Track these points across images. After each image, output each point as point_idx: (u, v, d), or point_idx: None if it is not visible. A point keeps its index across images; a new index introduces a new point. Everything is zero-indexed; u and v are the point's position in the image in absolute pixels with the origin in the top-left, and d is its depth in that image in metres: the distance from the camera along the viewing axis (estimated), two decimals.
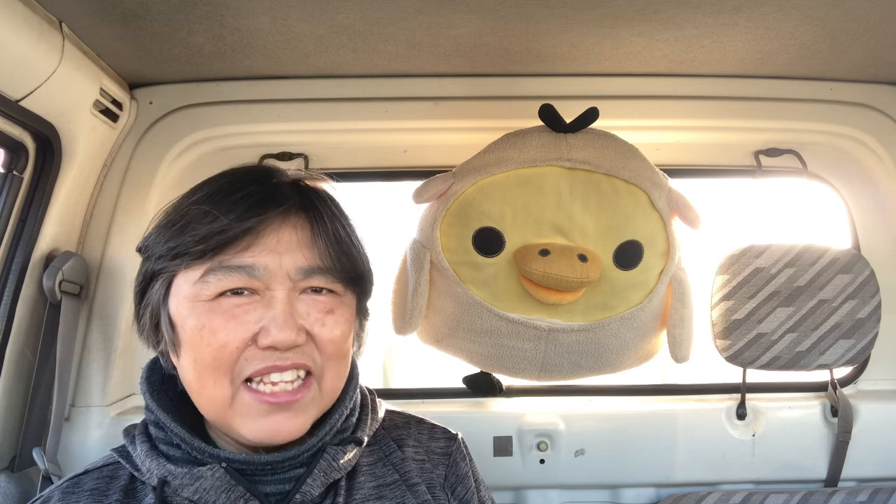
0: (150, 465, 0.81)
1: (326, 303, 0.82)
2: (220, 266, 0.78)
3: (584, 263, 1.17)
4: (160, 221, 0.83)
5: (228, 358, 0.77)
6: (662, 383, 1.88)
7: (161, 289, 0.81)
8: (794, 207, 1.76)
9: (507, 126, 1.33)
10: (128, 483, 0.85)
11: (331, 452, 0.84)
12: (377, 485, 0.89)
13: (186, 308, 0.79)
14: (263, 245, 0.79)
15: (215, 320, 0.77)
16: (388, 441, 0.96)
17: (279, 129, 1.49)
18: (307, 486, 0.81)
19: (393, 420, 1.00)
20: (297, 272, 0.80)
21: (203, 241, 0.77)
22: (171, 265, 0.80)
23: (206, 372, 0.78)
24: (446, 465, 0.97)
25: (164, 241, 0.80)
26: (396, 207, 1.48)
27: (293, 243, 0.81)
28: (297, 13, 1.15)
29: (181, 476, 0.79)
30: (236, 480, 0.79)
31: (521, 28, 1.22)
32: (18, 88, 1.11)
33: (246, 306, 0.78)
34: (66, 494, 0.83)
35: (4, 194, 1.22)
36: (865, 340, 1.39)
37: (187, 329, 0.79)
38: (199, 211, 0.79)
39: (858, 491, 1.39)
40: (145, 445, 0.83)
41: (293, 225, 0.82)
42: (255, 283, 0.78)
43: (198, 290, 0.78)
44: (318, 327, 0.81)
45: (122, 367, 1.45)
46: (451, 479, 0.96)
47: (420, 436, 0.99)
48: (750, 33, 1.25)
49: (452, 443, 1.00)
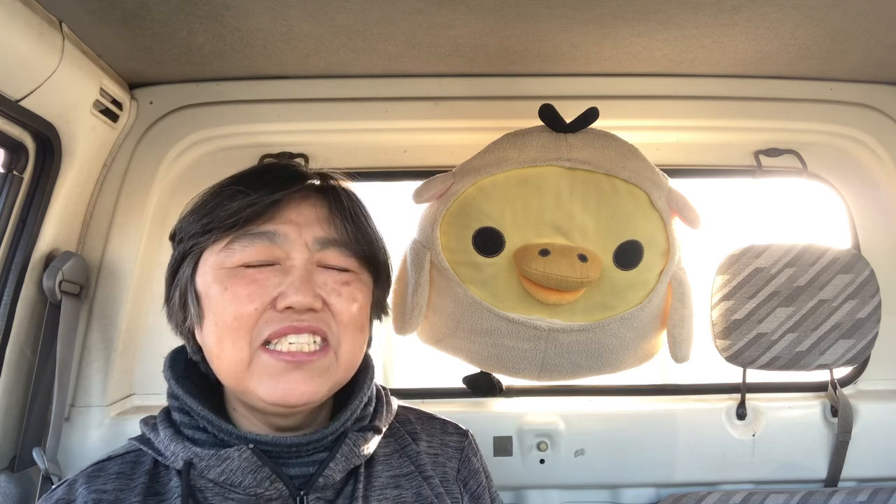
0: (174, 448, 0.83)
1: (342, 276, 0.87)
2: (245, 234, 0.84)
3: (584, 263, 1.17)
4: (193, 206, 0.89)
5: (248, 319, 0.81)
6: (662, 383, 1.88)
7: (189, 266, 0.86)
8: (794, 207, 1.76)
9: (507, 126, 1.33)
10: (152, 468, 0.86)
11: (352, 438, 0.87)
12: (394, 475, 0.92)
13: (211, 276, 0.83)
14: (285, 217, 0.86)
15: (237, 284, 0.82)
16: (402, 434, 0.99)
17: (279, 129, 1.49)
18: (330, 469, 0.84)
19: (405, 415, 1.03)
20: (314, 242, 0.86)
21: (235, 213, 0.83)
22: (201, 241, 0.85)
23: (226, 334, 0.81)
24: (459, 459, 0.99)
25: (198, 220, 0.86)
26: (396, 207, 1.48)
27: (312, 217, 0.88)
28: (297, 13, 1.15)
29: (208, 458, 0.81)
30: (263, 461, 0.81)
31: (521, 28, 1.22)
32: (18, 88, 1.11)
33: (266, 272, 0.83)
34: (91, 478, 0.84)
35: (4, 194, 1.22)
36: (865, 340, 1.39)
37: (211, 295, 0.83)
38: (231, 191, 0.86)
39: (858, 491, 1.39)
40: (169, 431, 0.85)
41: (313, 203, 0.89)
42: (275, 250, 0.84)
43: (223, 258, 0.83)
44: (335, 297, 0.85)
45: (122, 367, 1.45)
46: (464, 472, 0.99)
47: (433, 430, 1.02)
48: (750, 33, 1.25)
49: (464, 438, 1.03)
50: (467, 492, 0.97)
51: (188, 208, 0.90)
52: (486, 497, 1.00)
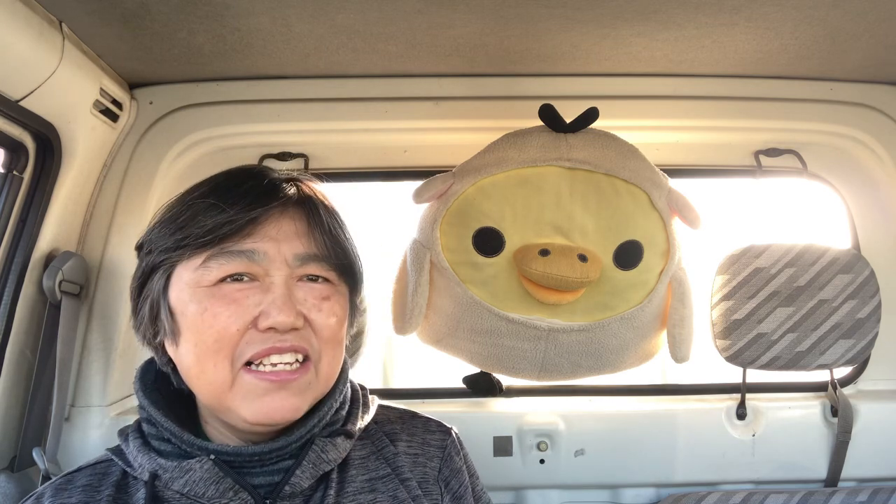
0: (141, 459, 0.83)
1: (322, 290, 0.86)
2: (222, 252, 0.81)
3: (584, 263, 1.17)
4: (163, 217, 0.86)
5: (230, 340, 0.79)
6: (662, 383, 1.88)
7: (161, 280, 0.84)
8: (794, 207, 1.76)
9: (507, 126, 1.33)
10: (120, 479, 0.86)
11: (319, 444, 0.86)
12: (369, 478, 0.90)
13: (188, 294, 0.81)
14: (264, 233, 0.83)
15: (217, 304, 0.80)
16: (380, 435, 0.97)
17: (279, 129, 1.49)
18: (296, 477, 0.83)
19: (385, 415, 1.01)
20: (294, 258, 0.84)
21: (211, 231, 0.80)
22: (174, 255, 0.82)
23: (206, 355, 0.80)
24: (440, 458, 0.97)
25: (170, 234, 0.83)
26: (396, 207, 1.48)
27: (291, 233, 0.85)
28: (297, 13, 1.15)
29: (171, 469, 0.81)
30: (224, 472, 0.80)
31: (521, 28, 1.22)
32: (18, 88, 1.11)
33: (246, 291, 0.81)
34: (58, 491, 0.84)
35: (4, 194, 1.22)
36: (865, 340, 1.38)
37: (188, 315, 0.81)
38: (205, 204, 0.82)
39: (858, 491, 1.39)
40: (137, 441, 0.85)
41: (291, 217, 0.86)
42: (254, 268, 0.82)
43: (199, 275, 0.81)
44: (315, 312, 0.84)
45: (122, 367, 1.45)
46: (446, 472, 0.97)
47: (414, 429, 1.00)
48: (750, 33, 1.25)
49: (447, 437, 1.01)
50: (448, 492, 0.96)
51: (157, 219, 0.87)
52: (469, 497, 0.98)
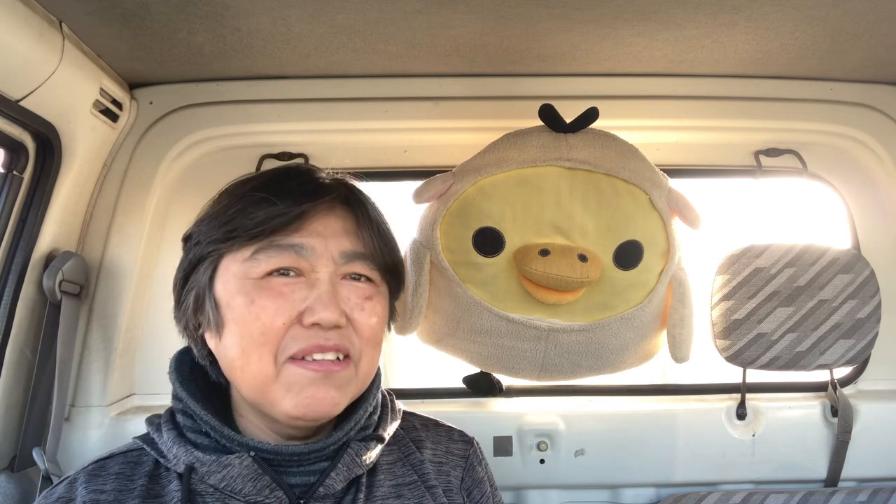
0: (177, 451, 0.83)
1: (366, 290, 0.87)
2: (271, 245, 0.82)
3: (584, 263, 1.17)
4: (212, 209, 0.88)
5: (276, 334, 0.80)
6: (662, 383, 1.88)
7: (207, 271, 0.85)
8: (794, 207, 1.76)
9: (507, 126, 1.33)
10: (152, 469, 0.86)
11: (354, 448, 0.86)
12: (396, 484, 0.91)
13: (235, 286, 0.82)
14: (312, 229, 0.85)
15: (264, 297, 0.81)
16: (406, 442, 0.98)
17: (279, 129, 1.49)
18: (331, 479, 0.83)
19: (411, 422, 1.02)
20: (340, 255, 0.85)
21: (262, 223, 0.82)
22: (223, 247, 0.83)
23: (251, 347, 0.80)
24: (463, 468, 0.98)
25: (220, 226, 0.84)
26: (396, 207, 1.48)
27: (338, 230, 0.87)
28: (297, 13, 1.15)
29: (209, 463, 0.81)
30: (263, 470, 0.81)
31: (521, 28, 1.22)
32: (18, 88, 1.11)
33: (292, 285, 0.82)
34: (91, 477, 0.84)
35: (4, 194, 1.22)
36: (865, 340, 1.38)
37: (234, 306, 0.82)
38: (255, 197, 0.84)
39: (858, 491, 1.39)
40: (172, 433, 0.85)
41: (339, 214, 0.88)
42: (301, 262, 0.83)
43: (248, 267, 0.82)
44: (358, 311, 0.85)
45: (122, 367, 1.45)
46: (468, 482, 0.98)
47: (438, 437, 1.01)
48: (750, 33, 1.25)
49: (470, 447, 1.02)
50: (471, 501, 0.97)
51: (206, 211, 0.88)
52: None
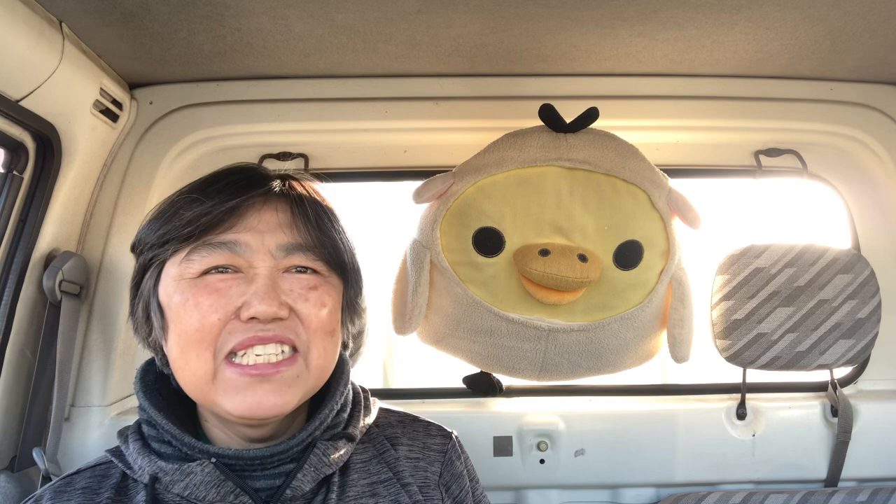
0: (141, 462, 0.82)
1: (309, 280, 0.84)
2: (204, 244, 0.81)
3: (584, 263, 1.17)
4: (150, 216, 0.87)
5: (211, 330, 0.78)
6: (662, 383, 1.88)
7: (151, 278, 0.84)
8: (794, 207, 1.76)
9: (507, 126, 1.33)
10: (119, 481, 0.85)
11: (321, 447, 0.85)
12: (371, 482, 0.90)
13: (173, 287, 0.81)
14: (245, 224, 0.83)
15: (199, 294, 0.79)
16: (381, 439, 0.96)
17: (279, 129, 1.49)
18: (297, 480, 0.82)
19: (387, 418, 1.01)
20: (278, 249, 0.83)
21: (190, 223, 0.80)
22: (161, 252, 0.82)
23: (189, 345, 0.79)
24: (441, 462, 0.97)
25: (154, 231, 0.83)
26: (396, 207, 1.48)
27: (274, 223, 0.84)
28: (297, 13, 1.15)
29: (172, 472, 0.80)
30: (226, 475, 0.80)
31: (521, 28, 1.22)
32: (18, 88, 1.11)
33: (229, 281, 0.80)
34: (57, 493, 0.84)
35: (4, 194, 1.22)
36: (865, 340, 1.39)
37: (173, 306, 0.81)
38: (186, 199, 0.83)
39: (858, 491, 1.39)
40: (137, 444, 0.84)
41: (274, 207, 0.85)
42: (237, 259, 0.81)
43: (183, 268, 0.81)
44: (301, 302, 0.82)
45: (122, 367, 1.45)
46: (446, 476, 0.97)
47: (415, 433, 0.99)
48: (750, 33, 1.25)
49: (448, 441, 1.00)
50: (450, 496, 0.95)
51: (146, 219, 0.87)
52: (470, 501, 0.98)
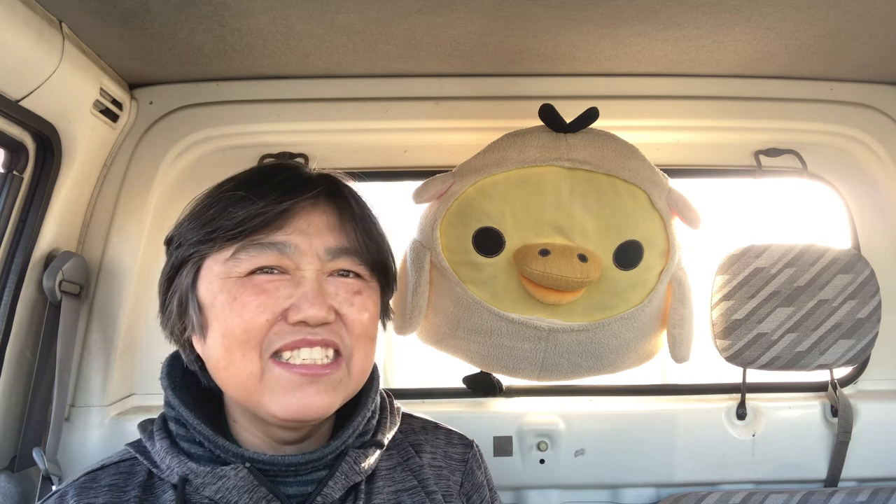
0: (170, 462, 0.81)
1: (354, 285, 0.85)
2: (252, 244, 0.80)
3: (584, 263, 1.17)
4: (193, 210, 0.86)
5: (259, 331, 0.78)
6: (662, 383, 1.88)
7: (190, 274, 0.83)
8: (794, 207, 1.76)
9: (507, 126, 1.33)
10: (146, 479, 0.84)
11: (353, 455, 0.84)
12: (395, 490, 0.89)
13: (218, 285, 0.80)
14: (294, 226, 0.82)
15: (247, 294, 0.79)
16: (406, 446, 0.96)
17: (279, 129, 1.49)
18: (328, 488, 0.82)
19: (410, 424, 1.00)
20: (325, 252, 0.83)
21: (242, 223, 0.80)
22: (204, 248, 0.81)
23: (234, 345, 0.78)
24: (463, 472, 0.97)
25: (200, 227, 0.82)
26: (396, 207, 1.48)
27: (322, 226, 0.84)
28: (297, 13, 1.15)
29: (203, 475, 0.79)
30: (259, 481, 0.79)
31: (521, 28, 1.22)
32: (18, 88, 1.11)
33: (277, 283, 0.80)
34: (83, 490, 0.82)
35: (4, 194, 1.22)
36: (865, 340, 1.39)
37: (217, 305, 0.80)
38: (235, 196, 0.82)
39: (858, 491, 1.39)
40: (165, 442, 0.83)
41: (322, 210, 0.85)
42: (285, 261, 0.81)
43: (230, 267, 0.80)
44: (347, 307, 0.82)
45: (122, 367, 1.45)
46: (467, 486, 0.97)
47: (437, 441, 0.99)
48: (750, 33, 1.25)
49: (469, 450, 1.00)
50: None
51: (187, 213, 0.86)
52: None
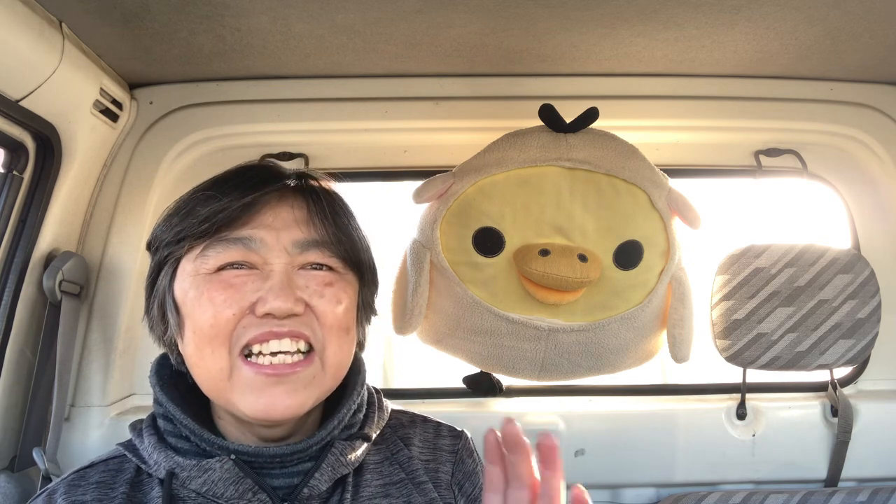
0: (157, 457, 0.82)
1: (325, 277, 0.84)
2: (219, 240, 0.81)
3: (584, 263, 1.17)
4: (166, 213, 0.86)
5: (226, 325, 0.78)
6: (662, 383, 1.88)
7: (167, 275, 0.84)
8: (794, 207, 1.76)
9: (507, 126, 1.33)
10: (134, 476, 0.85)
11: (339, 447, 0.85)
12: (384, 483, 0.90)
13: (188, 283, 0.81)
14: (259, 221, 0.82)
15: (214, 289, 0.79)
16: (394, 439, 0.96)
17: (279, 129, 1.49)
18: (315, 480, 0.82)
19: (398, 419, 1.01)
20: (293, 245, 0.82)
21: (207, 219, 0.80)
22: (177, 249, 0.82)
23: (204, 341, 0.79)
24: (453, 462, 0.97)
25: (171, 228, 0.83)
26: (396, 207, 1.48)
27: (290, 220, 0.84)
28: (297, 13, 1.15)
29: (189, 468, 0.79)
30: (245, 473, 0.79)
31: (521, 28, 1.22)
32: (18, 88, 1.11)
33: (244, 277, 0.80)
34: (71, 487, 0.83)
35: (4, 194, 1.22)
36: (865, 340, 1.39)
37: (188, 303, 0.81)
38: (202, 196, 0.83)
39: (858, 491, 1.39)
40: (153, 438, 0.84)
41: (290, 204, 0.85)
42: (252, 256, 0.81)
43: (199, 264, 0.81)
44: (317, 298, 0.82)
45: (122, 367, 1.45)
46: (459, 475, 0.96)
47: (426, 434, 0.99)
48: (750, 33, 1.25)
49: (458, 440, 1.00)
50: (462, 495, 0.95)
51: (162, 216, 0.87)
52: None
